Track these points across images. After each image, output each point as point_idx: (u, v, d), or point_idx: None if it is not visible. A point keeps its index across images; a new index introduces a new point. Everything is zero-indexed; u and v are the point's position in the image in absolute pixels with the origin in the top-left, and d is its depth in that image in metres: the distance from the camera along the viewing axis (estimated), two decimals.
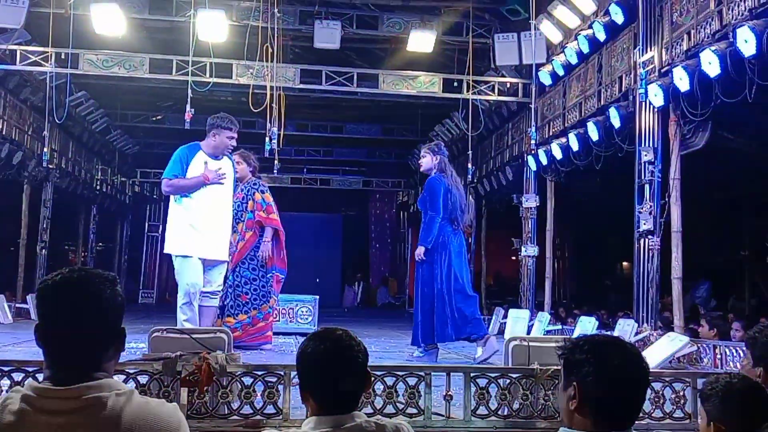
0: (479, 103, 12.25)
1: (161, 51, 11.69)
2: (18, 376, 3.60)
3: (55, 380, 1.68)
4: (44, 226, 13.41)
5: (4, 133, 12.02)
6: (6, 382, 3.60)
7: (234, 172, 6.51)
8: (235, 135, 6.33)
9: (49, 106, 11.25)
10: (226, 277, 6.69)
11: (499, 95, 12.12)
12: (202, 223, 6.10)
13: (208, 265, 6.15)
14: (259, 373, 3.86)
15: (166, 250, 6.17)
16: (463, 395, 4.00)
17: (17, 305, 11.16)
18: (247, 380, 3.82)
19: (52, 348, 1.72)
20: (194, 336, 3.99)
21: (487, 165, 13.93)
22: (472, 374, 4.06)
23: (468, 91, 11.82)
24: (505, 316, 11.21)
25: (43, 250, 13.36)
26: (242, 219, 7.13)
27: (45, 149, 12.19)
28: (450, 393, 4.01)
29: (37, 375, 3.46)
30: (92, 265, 15.54)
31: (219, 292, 6.42)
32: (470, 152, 12.34)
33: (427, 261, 6.63)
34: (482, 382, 4.02)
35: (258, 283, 7.22)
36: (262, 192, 7.28)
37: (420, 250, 6.63)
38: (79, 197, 16.28)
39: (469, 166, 12.50)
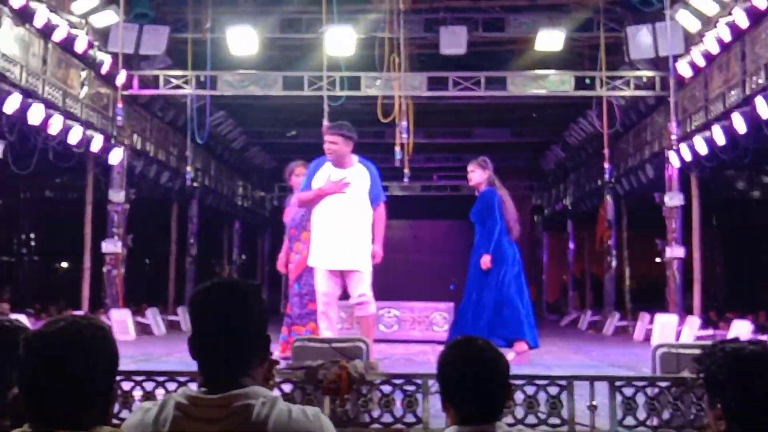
0: (614, 99, 11.82)
1: (293, 68, 12.06)
2: (171, 386, 3.77)
3: (207, 388, 1.74)
4: (191, 241, 14.12)
5: (151, 154, 12.80)
6: (160, 391, 3.78)
7: (369, 178, 6.19)
8: (331, 138, 6.12)
9: (191, 127, 11.85)
10: (293, 286, 6.85)
11: (635, 90, 11.65)
12: (329, 234, 6.08)
13: (346, 275, 6.15)
14: (398, 381, 3.86)
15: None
16: (608, 405, 3.84)
17: (169, 318, 11.80)
18: (386, 389, 3.83)
19: (203, 356, 1.78)
20: (334, 345, 4.05)
21: (625, 163, 13.40)
22: (617, 383, 3.89)
23: (601, 87, 11.43)
24: (651, 322, 10.72)
25: (191, 265, 14.07)
26: (306, 228, 6.85)
27: (189, 168, 12.87)
28: (594, 403, 3.85)
29: (189, 384, 3.61)
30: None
31: (366, 301, 6.14)
32: (606, 151, 11.91)
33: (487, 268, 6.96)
34: (628, 391, 3.84)
35: None
36: None
37: (486, 258, 6.93)
38: (221, 213, 17.05)
39: (606, 165, 12.06)
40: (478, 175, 7.27)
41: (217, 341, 1.74)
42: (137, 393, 3.83)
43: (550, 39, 11.17)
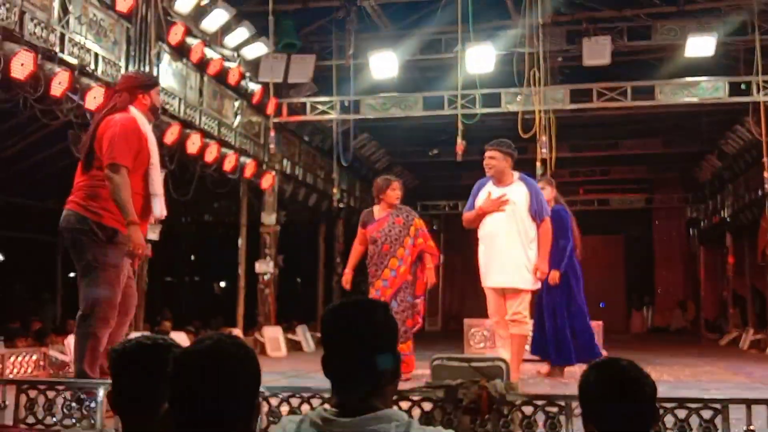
0: None
1: (432, 88, 12.21)
2: (316, 402, 3.92)
3: (339, 409, 1.80)
4: (338, 260, 14.52)
5: (300, 178, 13.34)
6: (305, 407, 3.94)
7: (528, 194, 6.19)
8: (490, 154, 6.22)
9: (336, 150, 12.25)
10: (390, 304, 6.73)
11: None
12: (489, 252, 6.19)
13: (506, 292, 6.19)
14: (539, 403, 3.81)
15: None
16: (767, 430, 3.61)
17: (317, 335, 12.18)
18: (528, 410, 3.79)
19: (334, 375, 1.85)
20: (473, 364, 4.06)
21: None
22: None
23: (758, 92, 10.76)
24: None
25: (338, 283, 14.47)
26: (404, 244, 7.01)
27: (335, 190, 13.30)
28: (752, 428, 3.63)
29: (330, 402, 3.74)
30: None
31: (518, 320, 6.14)
32: (766, 159, 11.17)
33: (558, 286, 7.09)
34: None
35: (416, 309, 7.11)
36: (419, 218, 7.36)
37: (556, 275, 6.96)
38: None
39: (766, 174, 11.31)
40: (548, 192, 7.19)
41: (346, 359, 1.80)
42: (284, 408, 4.00)
43: (701, 45, 10.66)
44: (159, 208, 4.81)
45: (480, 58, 10.60)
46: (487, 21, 11.08)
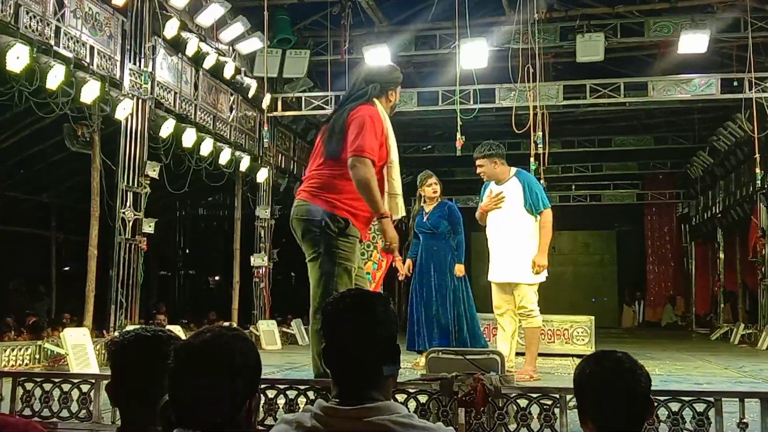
0: (764, 101, 11.16)
1: (427, 84, 12.23)
2: (312, 395, 3.95)
3: (340, 399, 1.82)
4: None
5: (295, 172, 13.37)
6: (302, 399, 3.97)
7: (521, 189, 6.34)
8: (478, 163, 6.42)
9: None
10: None
11: None
12: (493, 249, 6.47)
13: (513, 287, 6.33)
14: (534, 395, 3.84)
15: None
16: (760, 423, 3.65)
17: None
18: (523, 402, 3.83)
19: (335, 366, 1.87)
20: (468, 357, 4.10)
21: None
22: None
23: (750, 89, 10.83)
24: None
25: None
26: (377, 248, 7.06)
27: None
28: (745, 420, 3.68)
29: (328, 394, 3.78)
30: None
31: (526, 313, 6.28)
32: (757, 156, 11.25)
33: (463, 278, 7.21)
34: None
35: None
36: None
37: (461, 267, 7.16)
38: None
39: (757, 171, 11.40)
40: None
41: (347, 351, 1.82)
42: (281, 401, 4.03)
43: (694, 41, 10.71)
44: (400, 208, 4.65)
45: (474, 53, 10.63)
46: (481, 17, 11.11)
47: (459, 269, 7.14)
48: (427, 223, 7.34)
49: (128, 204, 8.31)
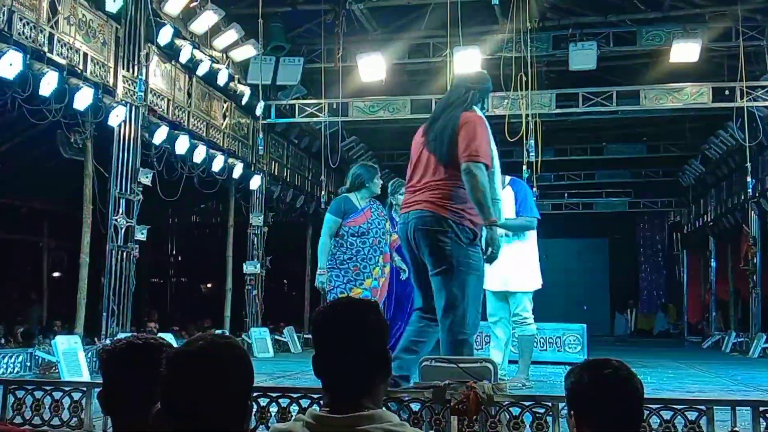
0: (756, 110, 11.23)
1: (420, 92, 12.27)
2: (305, 403, 3.94)
3: (331, 408, 1.82)
4: None
5: (288, 179, 13.39)
6: (294, 407, 3.96)
7: (513, 198, 6.31)
8: None
9: (324, 152, 12.28)
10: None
11: None
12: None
13: (507, 296, 6.32)
14: (527, 403, 3.85)
15: None
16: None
17: (305, 336, 12.20)
18: (515, 410, 3.83)
19: (326, 374, 1.87)
20: (461, 365, 4.10)
21: None
22: (761, 408, 3.71)
23: (742, 98, 10.90)
24: None
25: None
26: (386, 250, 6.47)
27: (323, 192, 13.34)
28: (736, 429, 3.69)
29: (321, 401, 3.77)
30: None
31: (520, 322, 6.27)
32: (749, 164, 11.32)
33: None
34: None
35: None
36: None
37: None
38: None
39: (749, 179, 11.46)
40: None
41: (338, 359, 1.82)
42: (273, 409, 4.02)
43: (686, 50, 10.77)
44: (501, 214, 4.71)
45: (467, 62, 10.66)
46: (474, 25, 11.14)
47: None
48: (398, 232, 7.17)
49: (120, 211, 8.28)
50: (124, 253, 8.30)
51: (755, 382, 6.80)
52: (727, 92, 11.18)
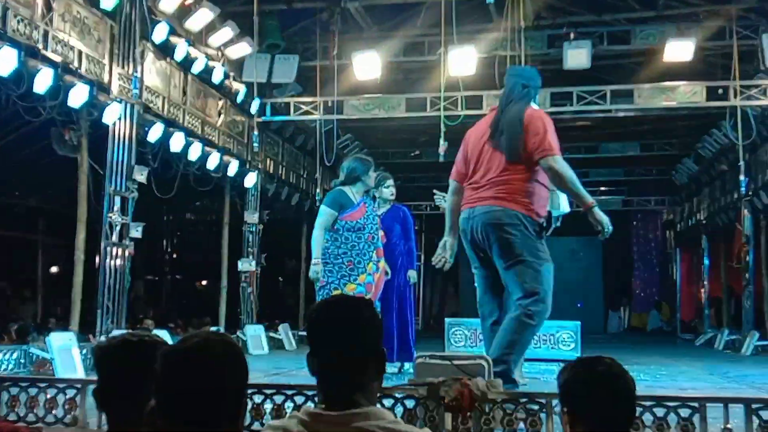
0: (749, 109, 11.27)
1: (415, 90, 12.28)
2: (300, 399, 3.96)
3: (326, 405, 1.83)
4: None
5: (283, 177, 13.40)
6: (289, 404, 3.98)
7: None
8: None
9: (319, 150, 12.28)
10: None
11: None
12: None
13: None
14: (521, 400, 3.87)
15: None
16: (744, 429, 3.69)
17: (300, 333, 12.21)
18: (509, 407, 3.86)
19: (321, 371, 1.88)
20: (455, 362, 4.12)
21: (764, 175, 12.70)
22: (753, 406, 3.74)
23: (735, 97, 10.93)
24: None
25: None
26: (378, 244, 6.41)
27: (318, 190, 13.34)
28: (729, 426, 3.72)
29: (315, 398, 3.79)
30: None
31: None
32: (742, 163, 11.37)
33: (409, 285, 7.05)
34: (767, 414, 3.69)
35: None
36: None
37: (414, 273, 7.08)
38: None
39: (742, 177, 11.51)
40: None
41: (332, 356, 1.84)
42: (268, 406, 4.03)
43: (680, 49, 10.80)
44: (562, 203, 4.86)
45: (462, 60, 10.68)
46: (469, 24, 11.15)
47: (412, 275, 6.94)
48: (381, 225, 6.91)
49: (115, 208, 8.28)
50: (119, 251, 8.30)
51: (748, 380, 6.84)
52: (720, 91, 11.22)
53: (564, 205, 4.78)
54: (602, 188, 19.84)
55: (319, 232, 6.22)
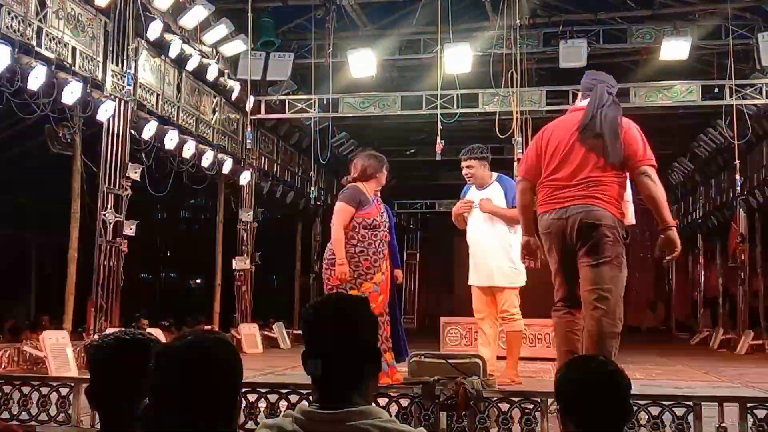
0: (744, 108, 11.27)
1: (411, 88, 12.26)
2: (294, 398, 3.94)
3: (321, 403, 1.82)
4: (314, 258, 14.53)
5: (278, 175, 13.36)
6: (283, 403, 3.96)
7: (503, 194, 6.35)
8: (467, 164, 6.44)
9: (314, 148, 12.26)
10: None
11: (767, 98, 11.08)
12: (473, 253, 6.49)
13: (495, 292, 6.35)
14: (516, 399, 3.86)
15: None
16: (739, 427, 3.69)
17: (294, 332, 12.19)
18: (504, 406, 3.85)
19: (316, 370, 1.86)
20: (450, 361, 4.11)
21: (759, 174, 12.73)
22: (748, 405, 3.73)
23: (731, 96, 10.94)
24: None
25: (314, 281, 14.48)
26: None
27: (312, 188, 13.33)
28: (724, 425, 3.72)
29: (310, 397, 3.77)
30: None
31: (508, 317, 6.30)
32: (737, 162, 11.37)
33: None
34: (761, 413, 3.68)
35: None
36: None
37: (400, 273, 6.87)
38: None
39: (737, 177, 11.51)
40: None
41: (328, 355, 1.82)
42: (262, 404, 4.01)
43: (676, 48, 10.79)
44: (631, 214, 4.80)
45: (458, 58, 10.66)
46: (465, 22, 11.14)
47: (399, 275, 6.71)
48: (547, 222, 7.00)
49: (109, 206, 8.24)
50: (113, 248, 8.26)
51: (743, 379, 6.84)
52: (716, 90, 11.23)
53: (631, 217, 4.74)
54: None
55: (340, 230, 5.92)
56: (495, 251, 6.32)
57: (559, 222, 4.43)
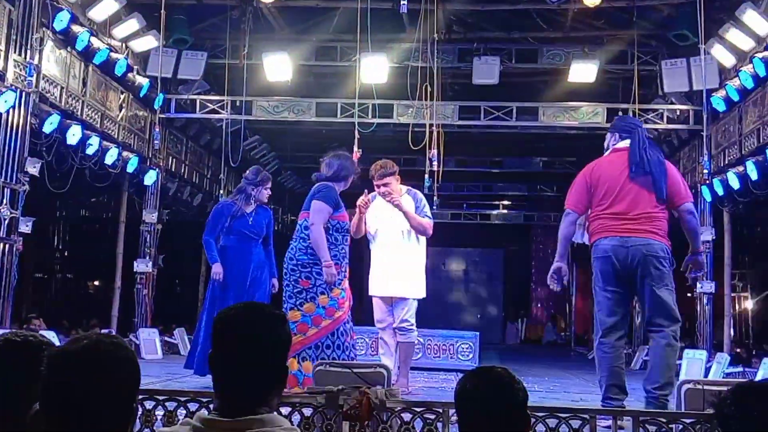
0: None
1: (326, 95, 12.22)
2: (193, 407, 3.82)
3: (222, 411, 1.77)
4: None
5: (186, 176, 13.04)
6: (182, 411, 3.83)
7: (412, 206, 6.35)
8: (383, 182, 6.41)
9: (225, 150, 12.03)
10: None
11: (668, 123, 11.58)
12: (376, 263, 6.47)
13: (394, 301, 6.33)
14: (418, 409, 3.87)
15: None
16: None
17: None
18: (407, 416, 3.85)
19: (220, 378, 1.81)
20: (355, 371, 4.08)
21: None
22: (641, 418, 3.86)
23: None
24: (680, 357, 10.56)
25: None
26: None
27: (221, 191, 13.06)
28: None
29: (210, 406, 3.66)
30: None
31: (406, 328, 6.31)
32: None
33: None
34: (653, 428, 3.81)
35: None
36: None
37: (276, 282, 6.70)
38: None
39: None
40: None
41: (232, 365, 1.77)
42: (159, 412, 3.88)
43: (584, 71, 11.18)
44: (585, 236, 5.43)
45: (375, 68, 10.71)
46: (382, 32, 11.20)
47: (276, 284, 6.58)
48: (253, 225, 6.66)
49: (5, 201, 7.85)
50: (7, 246, 7.87)
51: (636, 394, 7.07)
52: (620, 113, 11.66)
53: (586, 238, 5.40)
54: (505, 202, 20.32)
55: (322, 231, 5.65)
56: (401, 261, 6.34)
57: (621, 249, 4.95)
